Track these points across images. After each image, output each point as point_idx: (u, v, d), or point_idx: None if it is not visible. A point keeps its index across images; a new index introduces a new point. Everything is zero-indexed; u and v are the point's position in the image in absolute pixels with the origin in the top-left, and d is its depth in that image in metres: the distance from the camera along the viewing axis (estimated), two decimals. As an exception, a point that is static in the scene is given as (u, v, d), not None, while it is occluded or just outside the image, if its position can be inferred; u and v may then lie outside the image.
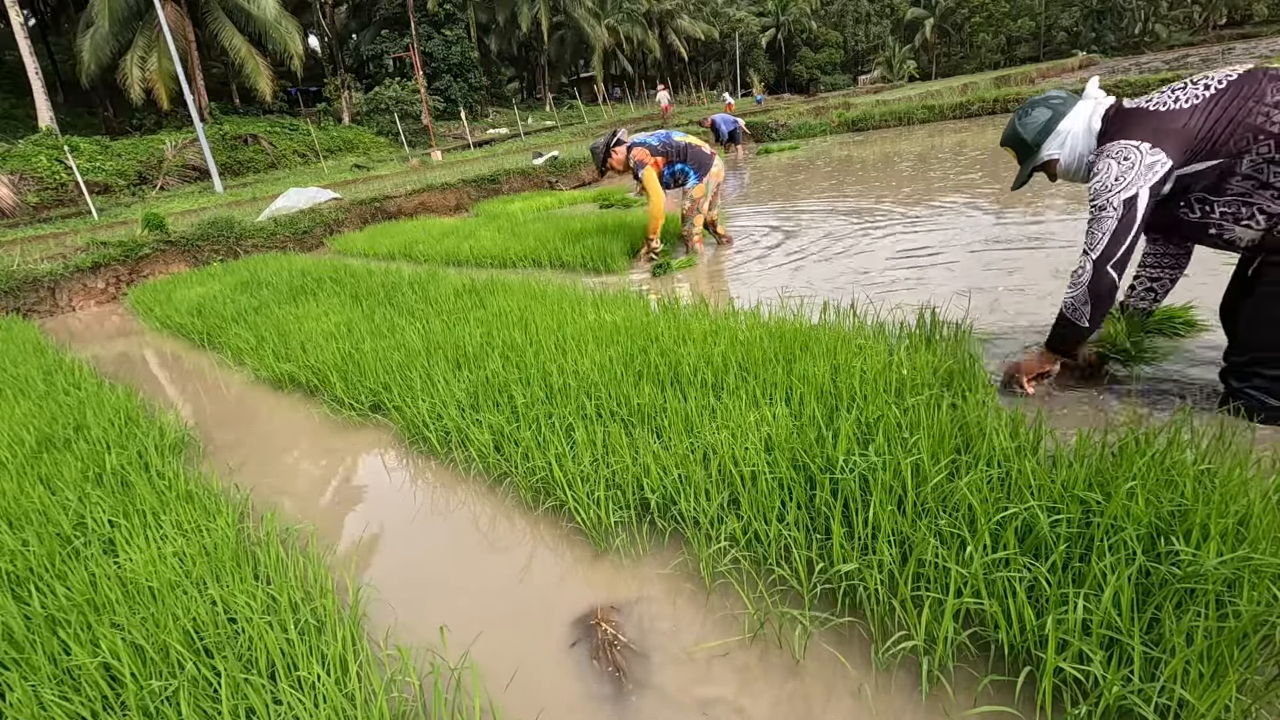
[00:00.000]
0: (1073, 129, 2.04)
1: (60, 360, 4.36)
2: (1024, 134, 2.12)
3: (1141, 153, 1.85)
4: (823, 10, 55.98)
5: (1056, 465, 1.61)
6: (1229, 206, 1.84)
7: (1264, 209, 1.79)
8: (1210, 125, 1.79)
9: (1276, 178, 1.73)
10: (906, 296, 3.52)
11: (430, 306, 4.13)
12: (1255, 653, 1.15)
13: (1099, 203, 1.92)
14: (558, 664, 1.52)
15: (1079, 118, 2.04)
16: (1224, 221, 1.87)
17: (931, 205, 5.94)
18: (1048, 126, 2.08)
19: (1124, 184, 1.86)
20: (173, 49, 16.45)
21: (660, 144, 5.07)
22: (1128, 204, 1.86)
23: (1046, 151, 2.10)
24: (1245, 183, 1.79)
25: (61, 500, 2.28)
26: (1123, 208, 1.86)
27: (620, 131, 5.27)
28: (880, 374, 2.20)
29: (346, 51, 35.24)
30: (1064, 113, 2.06)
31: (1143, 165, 1.84)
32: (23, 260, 7.60)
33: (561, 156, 12.88)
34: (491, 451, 2.32)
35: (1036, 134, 2.10)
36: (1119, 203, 1.87)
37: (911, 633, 1.35)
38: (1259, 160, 1.75)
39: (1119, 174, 1.87)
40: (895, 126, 14.94)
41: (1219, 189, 1.84)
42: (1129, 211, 1.86)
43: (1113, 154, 1.90)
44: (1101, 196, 1.91)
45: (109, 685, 1.43)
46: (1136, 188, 1.85)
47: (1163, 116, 1.86)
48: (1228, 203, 1.84)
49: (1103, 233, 1.91)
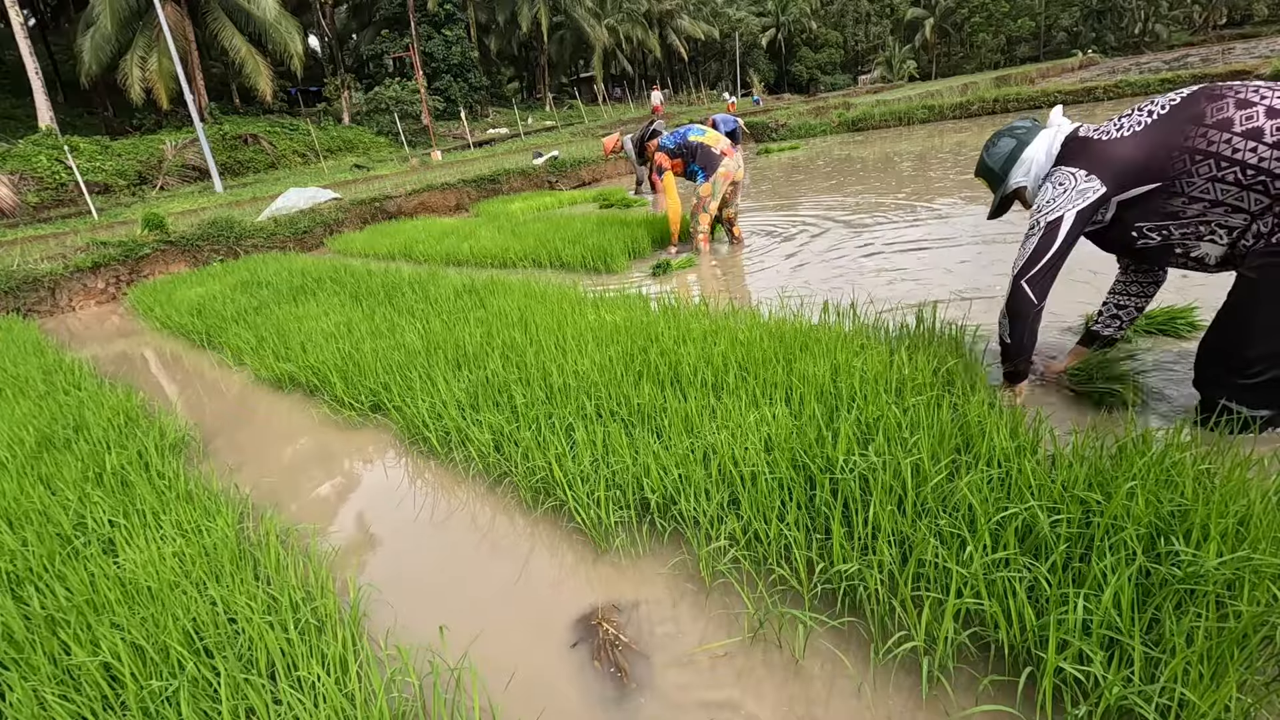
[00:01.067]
0: (1035, 157, 2.09)
1: (60, 360, 4.36)
2: (991, 164, 2.18)
3: (1076, 179, 1.92)
4: (823, 10, 55.97)
5: (1056, 465, 1.61)
6: (1188, 227, 1.88)
7: (1222, 224, 1.83)
8: (1146, 153, 1.84)
9: (1227, 195, 1.76)
10: (906, 296, 3.52)
11: (430, 306, 4.13)
12: (1255, 653, 1.15)
13: (1030, 223, 2.01)
14: (559, 664, 1.52)
15: (1040, 146, 2.09)
16: (1186, 241, 1.92)
17: (931, 205, 5.94)
18: (1013, 155, 2.12)
19: (1052, 207, 1.94)
20: (173, 49, 16.46)
21: (675, 145, 5.20)
22: (1050, 225, 1.93)
23: (1014, 180, 2.14)
24: (1196, 205, 1.82)
25: (61, 500, 2.27)
26: (1046, 228, 1.94)
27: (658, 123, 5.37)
28: (880, 374, 2.20)
29: (346, 51, 35.25)
30: (1027, 141, 2.11)
31: (1074, 191, 1.91)
32: (23, 260, 7.59)
33: (561, 156, 12.87)
34: (491, 451, 2.32)
35: (1003, 163, 2.14)
36: (1044, 224, 1.95)
37: (912, 633, 1.35)
38: (1203, 181, 1.78)
39: (1051, 197, 1.95)
40: (895, 126, 14.94)
41: (1173, 215, 1.87)
42: (1050, 232, 1.93)
43: (1053, 179, 1.99)
44: (1033, 217, 2.00)
45: (109, 685, 1.43)
46: (1063, 211, 1.92)
47: (1103, 145, 1.92)
48: (1184, 224, 1.88)
49: (1024, 251, 2.00)
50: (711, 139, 5.10)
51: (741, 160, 5.18)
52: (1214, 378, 1.95)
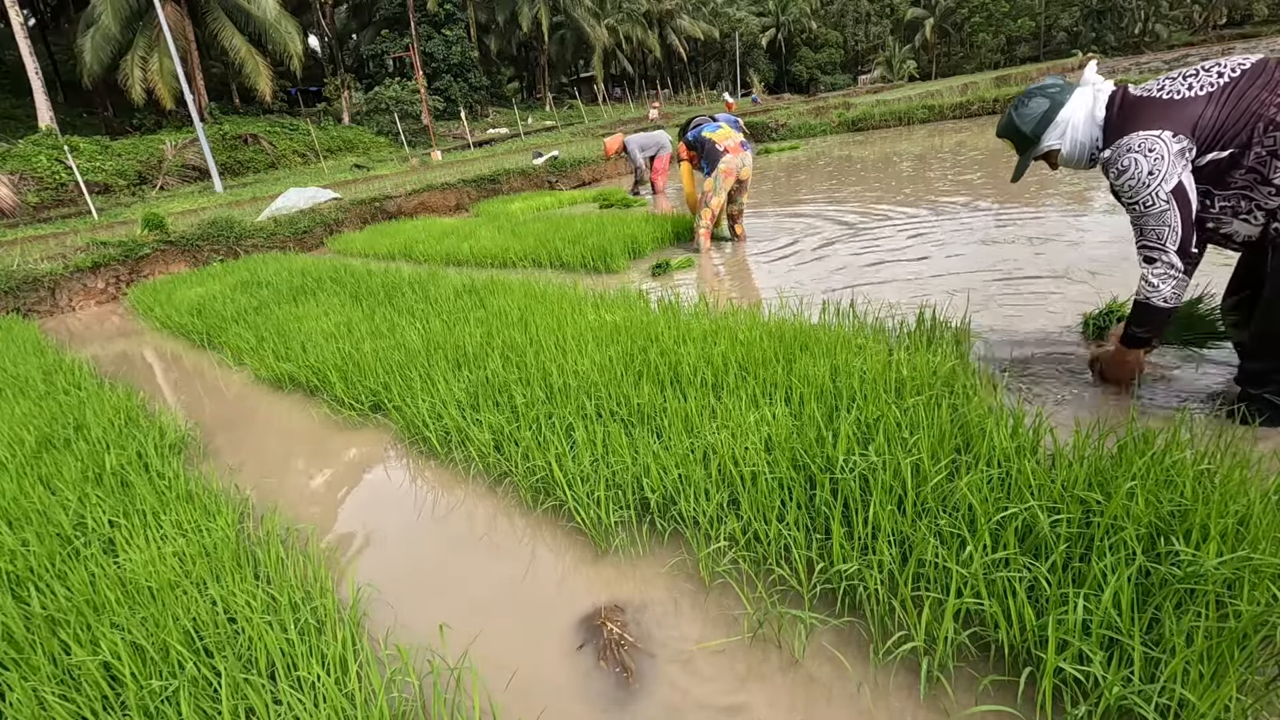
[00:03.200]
0: (1072, 119, 1.99)
1: (60, 360, 4.36)
2: (1022, 125, 2.07)
3: (1165, 142, 1.79)
4: (823, 10, 55.97)
5: (1056, 465, 1.61)
6: (1228, 200, 1.81)
7: (1262, 205, 1.76)
8: (1225, 115, 1.75)
9: (1277, 174, 1.70)
10: (906, 296, 3.52)
11: (430, 306, 4.13)
12: (1255, 653, 1.15)
13: (1143, 199, 1.85)
14: (559, 663, 1.52)
15: (1079, 106, 1.99)
16: (1222, 215, 1.84)
17: (931, 205, 5.94)
18: (1046, 117, 2.02)
19: (1160, 175, 1.80)
20: (173, 49, 16.47)
21: (693, 139, 5.36)
22: (1175, 192, 1.80)
23: (1047, 142, 2.05)
24: (1247, 175, 1.75)
25: (61, 500, 2.27)
26: (1172, 198, 1.80)
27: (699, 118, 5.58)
28: (880, 374, 2.20)
29: (346, 51, 35.24)
30: (1062, 101, 2.01)
31: (1173, 155, 1.78)
32: (23, 260, 7.59)
33: (561, 156, 12.87)
34: (491, 451, 2.32)
35: (1035, 125, 2.04)
36: (1166, 194, 1.81)
37: (911, 633, 1.35)
38: (1263, 153, 1.71)
39: (1151, 167, 1.81)
40: (895, 126, 14.93)
41: (1221, 182, 1.80)
42: (1181, 198, 1.80)
43: (1136, 148, 1.83)
44: (1142, 193, 1.84)
45: (109, 685, 1.43)
46: (1177, 176, 1.79)
47: (1178, 105, 1.81)
48: (1228, 196, 1.80)
49: (1166, 226, 1.84)
50: (720, 135, 5.13)
51: (750, 159, 5.19)
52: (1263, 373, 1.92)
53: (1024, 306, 3.16)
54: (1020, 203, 5.50)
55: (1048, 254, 3.94)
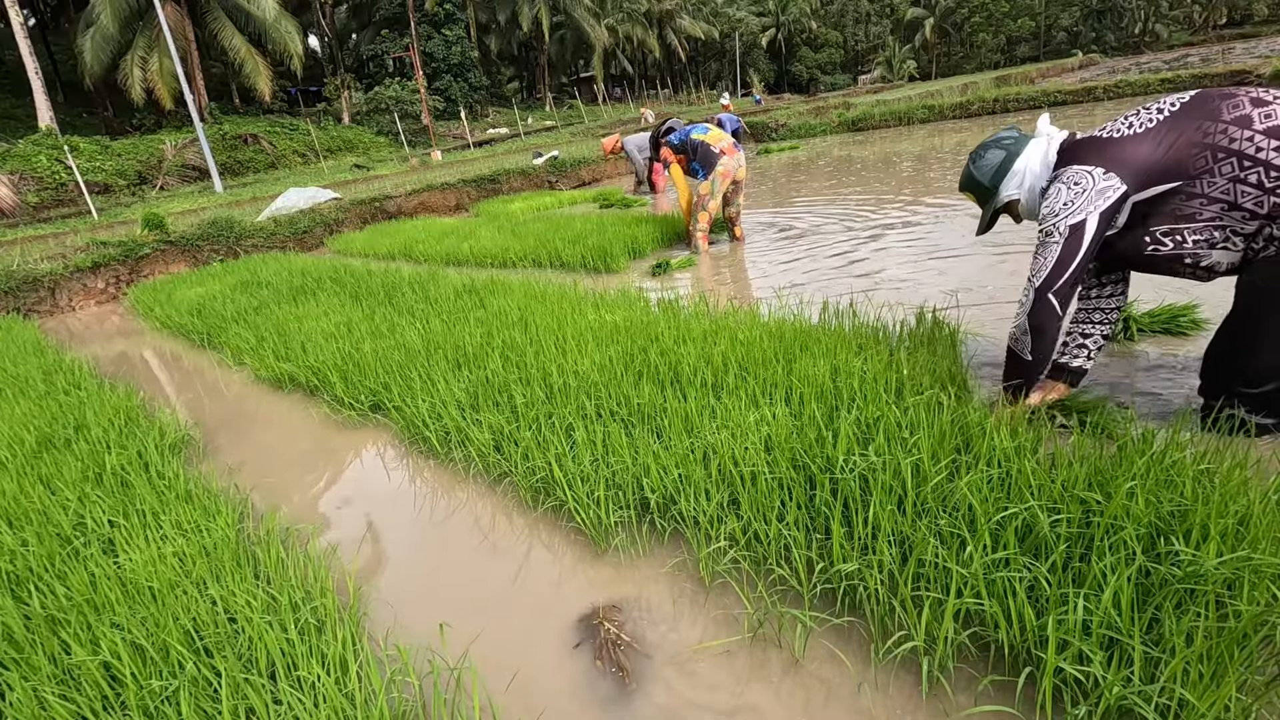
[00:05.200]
0: (1028, 167, 1.98)
1: (60, 360, 4.36)
2: (980, 177, 2.06)
3: (1094, 178, 1.80)
4: (823, 10, 55.99)
5: (1056, 465, 1.61)
6: (1201, 234, 1.79)
7: (1237, 230, 1.74)
8: (1166, 149, 1.76)
9: (1245, 198, 1.69)
10: (906, 297, 3.52)
11: (430, 306, 4.13)
12: (1255, 653, 1.15)
13: (1046, 228, 1.87)
14: (559, 663, 1.52)
15: (1034, 155, 1.98)
16: (1198, 250, 1.82)
17: (931, 205, 5.94)
18: (1003, 167, 2.01)
19: (1072, 209, 1.81)
20: (173, 49, 16.47)
21: (680, 142, 5.31)
22: (1074, 230, 1.80)
23: (1005, 193, 2.03)
24: (1213, 206, 1.74)
25: (61, 500, 2.27)
26: (1069, 233, 1.81)
27: (673, 121, 5.53)
28: (880, 374, 2.20)
29: (346, 51, 35.24)
30: (1017, 152, 2.00)
31: (1094, 191, 1.79)
32: (23, 260, 7.60)
33: (561, 156, 12.87)
34: (491, 451, 2.32)
35: (992, 175, 2.03)
36: (1065, 228, 1.81)
37: (911, 633, 1.35)
38: (1224, 181, 1.70)
39: (1068, 199, 1.82)
40: (895, 126, 14.94)
41: (1189, 218, 1.79)
42: (1075, 237, 1.80)
43: (1064, 179, 1.86)
44: (1049, 222, 1.86)
45: (109, 685, 1.43)
46: (1085, 213, 1.79)
47: (1117, 143, 1.82)
48: (1199, 229, 1.79)
49: (1045, 259, 1.85)
50: (713, 137, 5.13)
51: (743, 159, 5.20)
52: (1221, 385, 1.91)
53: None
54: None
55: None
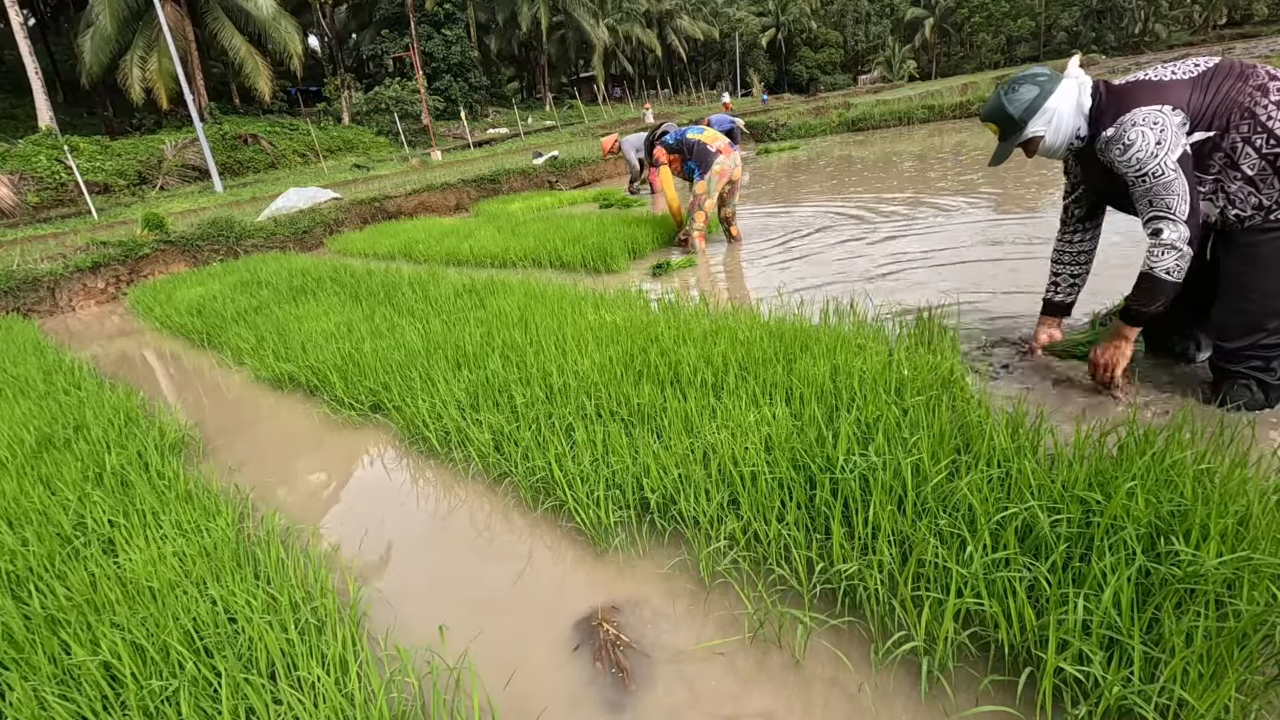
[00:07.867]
0: (1059, 107, 2.03)
1: (60, 360, 4.36)
2: (1011, 109, 2.09)
3: (1166, 115, 1.86)
4: (823, 10, 55.99)
5: (1056, 465, 1.61)
6: (1205, 185, 1.89)
7: (1225, 188, 1.85)
8: (1208, 98, 1.85)
9: (1245, 160, 1.79)
10: (906, 297, 3.52)
11: (430, 306, 4.13)
12: (1255, 653, 1.15)
13: (1152, 169, 1.88)
14: (559, 664, 1.52)
15: (1066, 96, 2.04)
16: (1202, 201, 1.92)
17: (931, 205, 5.94)
18: (1035, 104, 2.06)
19: (1166, 146, 1.85)
20: (173, 49, 16.46)
21: (675, 142, 5.29)
22: (1180, 162, 1.86)
23: (1032, 128, 2.08)
24: (1221, 159, 1.84)
25: (61, 500, 2.27)
26: (1177, 167, 1.86)
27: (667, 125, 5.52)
28: (880, 374, 2.20)
29: (346, 51, 35.23)
30: (1050, 90, 2.05)
31: (1175, 126, 1.85)
32: (23, 260, 7.60)
33: (561, 156, 12.87)
34: (491, 451, 2.32)
35: (1024, 110, 2.07)
36: (1173, 163, 1.85)
37: (911, 633, 1.35)
38: (1237, 139, 1.81)
39: (1158, 138, 1.86)
40: (895, 126, 14.94)
41: (1205, 168, 1.89)
42: (1187, 167, 1.86)
43: (1141, 122, 1.88)
44: (1150, 164, 1.88)
45: (109, 685, 1.43)
46: (1181, 147, 1.86)
47: (1169, 85, 1.90)
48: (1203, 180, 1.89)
49: (1175, 195, 1.88)
50: (708, 137, 5.13)
51: (739, 159, 5.21)
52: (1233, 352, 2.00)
53: (1026, 306, 3.16)
54: (1020, 205, 5.50)
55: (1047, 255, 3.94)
